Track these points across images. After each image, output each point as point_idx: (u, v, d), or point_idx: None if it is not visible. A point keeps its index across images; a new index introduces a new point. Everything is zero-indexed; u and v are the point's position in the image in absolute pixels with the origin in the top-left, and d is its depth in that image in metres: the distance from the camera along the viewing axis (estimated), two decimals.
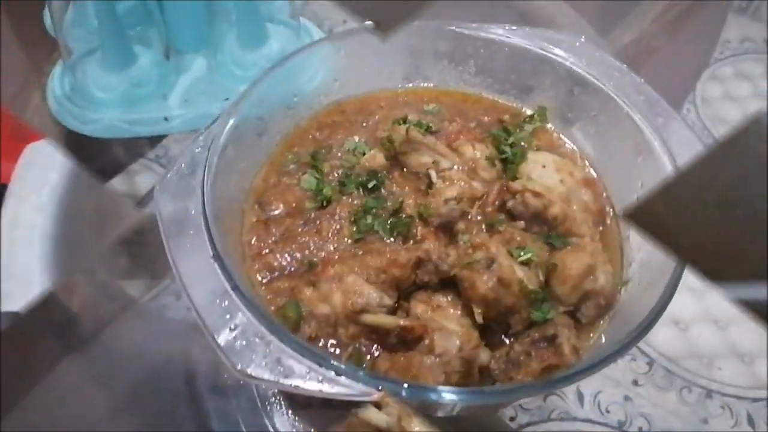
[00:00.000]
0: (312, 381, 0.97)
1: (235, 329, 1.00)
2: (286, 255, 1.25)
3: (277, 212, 1.32)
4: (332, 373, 0.97)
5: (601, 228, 1.37)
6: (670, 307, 1.10)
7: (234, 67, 1.77)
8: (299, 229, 1.29)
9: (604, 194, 1.40)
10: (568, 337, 1.15)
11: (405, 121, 1.43)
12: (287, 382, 0.96)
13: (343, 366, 0.97)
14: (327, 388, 0.97)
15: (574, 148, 1.48)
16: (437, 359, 1.09)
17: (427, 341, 1.12)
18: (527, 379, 1.13)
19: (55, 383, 1.60)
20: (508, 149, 1.39)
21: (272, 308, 1.19)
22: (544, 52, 1.44)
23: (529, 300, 1.17)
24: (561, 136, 1.50)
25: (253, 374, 0.96)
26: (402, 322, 1.12)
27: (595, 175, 1.43)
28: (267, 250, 1.26)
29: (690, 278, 0.78)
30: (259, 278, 1.23)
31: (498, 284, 1.14)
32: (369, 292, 1.15)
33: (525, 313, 1.18)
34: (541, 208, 1.30)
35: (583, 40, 1.44)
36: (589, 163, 1.45)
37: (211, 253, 1.08)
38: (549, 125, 1.51)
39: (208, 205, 1.14)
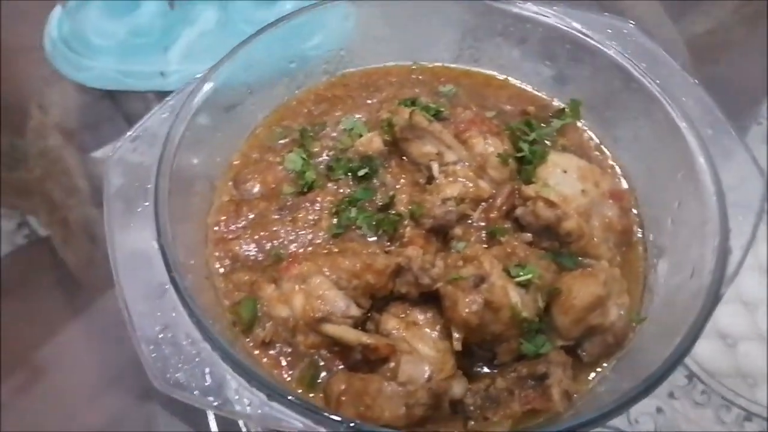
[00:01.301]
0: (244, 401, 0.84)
1: (164, 330, 0.88)
2: (253, 244, 1.12)
3: (253, 191, 1.19)
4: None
5: (624, 250, 1.18)
6: (718, 320, 0.95)
7: (243, 24, 1.63)
8: (273, 216, 1.16)
9: (634, 211, 1.21)
10: (560, 380, 0.99)
11: (413, 103, 1.27)
12: (212, 401, 0.83)
13: (284, 395, 0.83)
14: (261, 414, 0.84)
15: (607, 152, 1.29)
16: (400, 388, 0.95)
17: (392, 364, 0.98)
18: (505, 422, 0.98)
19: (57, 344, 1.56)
20: (526, 147, 1.22)
21: (227, 303, 1.07)
22: (584, 37, 1.25)
23: (521, 329, 1.02)
24: (593, 136, 1.31)
25: (174, 387, 0.84)
26: (365, 340, 0.98)
27: (626, 186, 1.24)
28: (233, 236, 1.14)
29: (744, 290, 0.64)
30: (218, 266, 1.11)
31: (485, 308, 0.99)
32: (334, 299, 1.01)
33: (515, 344, 1.02)
34: (554, 220, 1.13)
35: (632, 25, 1.24)
36: (621, 171, 1.26)
37: (156, 237, 0.96)
38: (581, 123, 1.32)
39: (162, 179, 1.02)
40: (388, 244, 1.12)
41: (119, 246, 0.95)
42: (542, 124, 1.29)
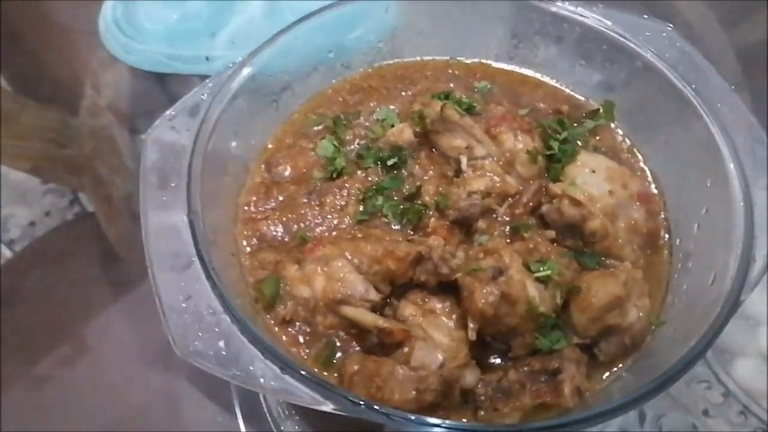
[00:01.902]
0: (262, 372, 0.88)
1: (187, 300, 0.92)
2: (280, 225, 1.15)
3: (284, 175, 1.22)
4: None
5: (649, 252, 1.18)
6: (760, 339, 0.92)
7: (290, 13, 1.67)
8: (302, 199, 1.19)
9: (662, 215, 1.21)
10: (572, 376, 1.00)
11: (447, 97, 1.28)
12: (229, 371, 0.87)
13: (296, 369, 0.86)
14: (274, 386, 0.87)
15: (638, 155, 1.28)
16: (412, 373, 0.97)
17: (406, 349, 1.00)
18: (514, 414, 0.99)
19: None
20: (556, 145, 1.22)
21: (251, 280, 1.10)
22: (621, 39, 1.25)
23: (537, 324, 1.02)
24: (626, 139, 1.30)
25: (194, 355, 0.88)
26: (381, 323, 1.01)
27: (655, 190, 1.24)
28: (261, 216, 1.17)
29: None
30: (245, 245, 1.14)
31: (501, 300, 1.00)
32: (354, 283, 1.04)
33: (530, 338, 1.03)
34: (579, 219, 1.13)
35: (670, 29, 1.23)
36: (651, 175, 1.26)
37: (186, 212, 1.00)
38: (614, 125, 1.31)
39: (197, 157, 1.06)
40: (412, 233, 1.14)
41: (151, 218, 1.00)
42: (575, 124, 1.30)
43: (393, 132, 1.25)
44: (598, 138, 1.29)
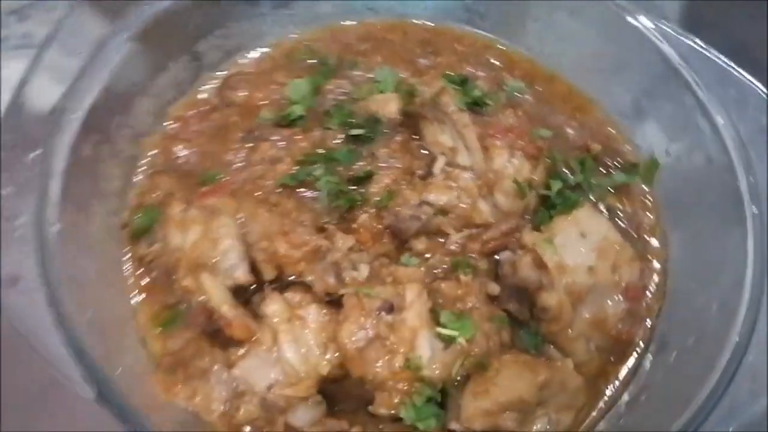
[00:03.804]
0: None
1: None
2: (196, 154, 0.99)
3: (234, 98, 1.05)
4: None
5: (611, 360, 0.92)
6: None
7: None
8: (237, 134, 1.01)
9: (648, 322, 0.93)
10: None
11: (462, 83, 1.05)
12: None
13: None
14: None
15: (656, 241, 1.00)
16: (230, 383, 0.80)
17: (241, 351, 0.82)
18: None
19: None
20: (557, 187, 0.97)
21: (133, 201, 0.95)
22: (698, 92, 0.95)
23: (413, 387, 0.81)
24: (652, 214, 1.02)
25: None
26: (225, 310, 0.83)
27: (652, 290, 0.96)
28: (183, 137, 1.01)
29: None
30: (148, 159, 0.98)
31: (374, 343, 0.80)
32: (228, 250, 0.86)
33: (394, 399, 0.82)
34: (534, 285, 0.89)
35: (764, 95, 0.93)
36: (660, 270, 0.97)
37: None
38: (648, 190, 1.03)
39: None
40: (329, 222, 0.93)
41: None
42: (601, 170, 1.03)
43: (377, 99, 1.04)
44: (620, 199, 1.02)
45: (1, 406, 1.04)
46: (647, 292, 0.95)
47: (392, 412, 0.82)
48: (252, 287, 0.89)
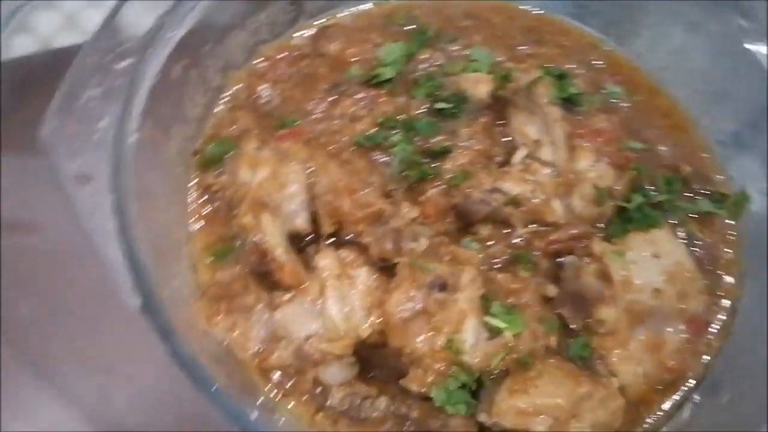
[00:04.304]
0: None
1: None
2: (279, 97, 0.99)
3: (326, 52, 1.04)
4: None
5: (658, 388, 0.88)
6: None
7: None
8: (322, 86, 1.01)
9: (705, 358, 0.89)
10: None
11: (560, 77, 1.01)
12: None
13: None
14: None
15: (731, 278, 0.95)
16: (268, 325, 0.79)
17: (286, 296, 0.81)
18: None
19: None
20: (638, 201, 0.93)
21: (209, 130, 0.95)
22: None
23: (449, 369, 0.79)
24: (731, 250, 0.96)
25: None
26: (278, 253, 0.82)
27: (716, 326, 0.91)
28: (270, 78, 1.01)
29: None
30: (231, 93, 0.99)
31: (420, 318, 0.78)
32: (292, 196, 0.86)
33: (428, 378, 0.80)
34: (594, 296, 0.86)
35: None
36: (730, 308, 0.92)
37: None
38: (733, 224, 0.98)
39: None
40: (396, 189, 0.92)
41: None
42: (687, 193, 0.98)
43: (470, 77, 1.02)
44: (701, 227, 0.97)
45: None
46: (710, 328, 0.90)
47: (423, 390, 0.81)
48: (308, 238, 0.89)
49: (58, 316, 1.12)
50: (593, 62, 1.10)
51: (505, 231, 0.92)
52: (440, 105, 0.98)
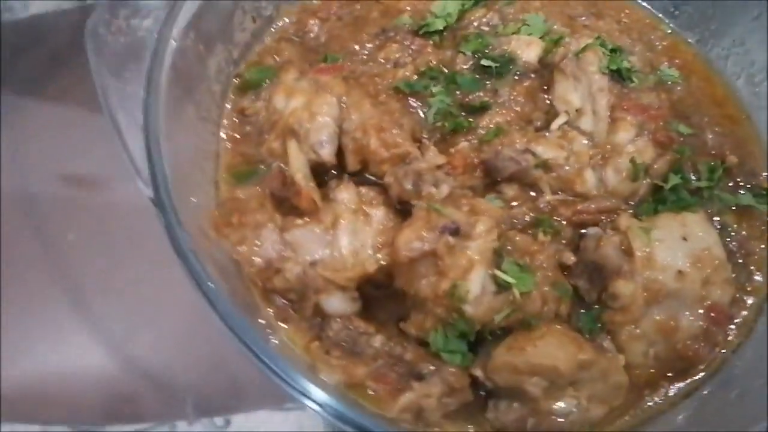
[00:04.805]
0: None
1: None
2: (325, 33, 1.00)
3: None
4: None
5: (669, 375, 0.84)
6: None
7: None
8: (372, 29, 1.00)
9: (721, 350, 0.84)
10: (424, 395, 0.76)
11: (614, 51, 0.98)
12: None
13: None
14: None
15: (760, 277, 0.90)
16: (277, 245, 0.79)
17: (300, 221, 0.81)
18: (335, 371, 0.78)
19: None
20: (675, 181, 0.89)
21: (253, 57, 0.97)
22: None
23: (450, 316, 0.77)
24: (763, 248, 0.92)
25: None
26: (299, 178, 0.82)
27: (738, 319, 0.87)
28: (322, 14, 1.01)
29: None
30: (281, 24, 1.00)
31: (427, 258, 0.77)
32: (322, 127, 0.86)
33: (429, 324, 0.79)
34: (613, 269, 0.83)
35: None
36: (756, 306, 0.88)
37: None
38: None
39: None
40: (428, 138, 0.91)
41: None
42: (730, 184, 0.94)
43: (521, 39, 0.99)
44: (738, 220, 0.92)
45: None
46: (732, 322, 0.86)
47: (422, 335, 0.80)
48: (331, 171, 0.89)
49: (102, 250, 1.17)
50: (654, 43, 1.06)
51: (532, 194, 0.90)
52: (486, 62, 0.96)
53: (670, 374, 0.84)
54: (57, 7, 1.41)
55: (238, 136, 0.93)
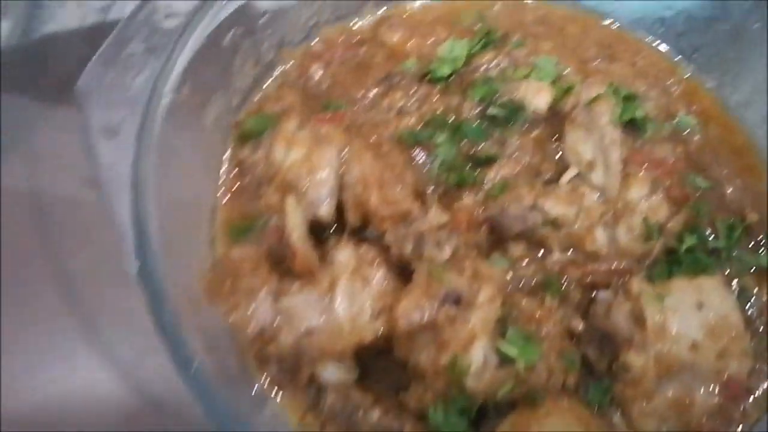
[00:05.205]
0: None
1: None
2: (329, 79, 0.96)
3: (386, 41, 1.00)
4: None
5: None
6: None
7: None
8: (376, 75, 0.97)
9: (737, 428, 0.80)
10: None
11: (628, 98, 0.94)
12: None
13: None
14: None
15: None
16: (269, 310, 0.76)
17: (295, 285, 0.78)
18: None
19: None
20: (690, 242, 0.85)
21: (253, 105, 0.93)
22: None
23: (449, 390, 0.74)
24: None
25: None
26: (294, 239, 0.78)
27: (757, 394, 0.82)
28: (326, 58, 0.98)
29: None
30: (282, 69, 0.97)
31: (426, 330, 0.73)
32: (322, 181, 0.82)
33: (429, 396, 0.75)
34: (622, 339, 0.79)
35: None
36: None
37: None
38: None
39: None
40: (433, 191, 0.87)
41: None
42: (751, 244, 0.89)
43: (530, 85, 0.95)
44: (759, 283, 0.88)
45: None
46: (750, 396, 0.82)
47: (421, 408, 0.77)
48: (331, 230, 0.86)
49: (113, 275, 1.13)
50: (671, 86, 1.02)
51: (539, 254, 0.86)
52: (493, 111, 0.93)
53: None
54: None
55: (235, 189, 0.89)
